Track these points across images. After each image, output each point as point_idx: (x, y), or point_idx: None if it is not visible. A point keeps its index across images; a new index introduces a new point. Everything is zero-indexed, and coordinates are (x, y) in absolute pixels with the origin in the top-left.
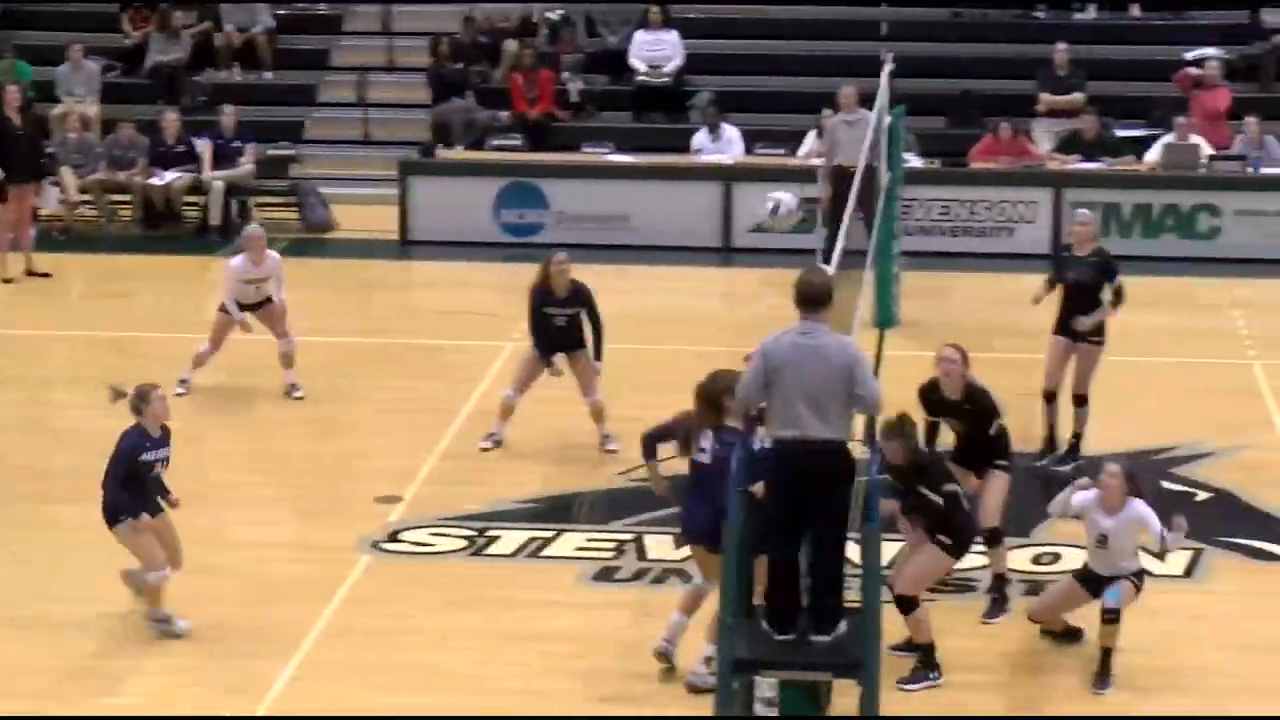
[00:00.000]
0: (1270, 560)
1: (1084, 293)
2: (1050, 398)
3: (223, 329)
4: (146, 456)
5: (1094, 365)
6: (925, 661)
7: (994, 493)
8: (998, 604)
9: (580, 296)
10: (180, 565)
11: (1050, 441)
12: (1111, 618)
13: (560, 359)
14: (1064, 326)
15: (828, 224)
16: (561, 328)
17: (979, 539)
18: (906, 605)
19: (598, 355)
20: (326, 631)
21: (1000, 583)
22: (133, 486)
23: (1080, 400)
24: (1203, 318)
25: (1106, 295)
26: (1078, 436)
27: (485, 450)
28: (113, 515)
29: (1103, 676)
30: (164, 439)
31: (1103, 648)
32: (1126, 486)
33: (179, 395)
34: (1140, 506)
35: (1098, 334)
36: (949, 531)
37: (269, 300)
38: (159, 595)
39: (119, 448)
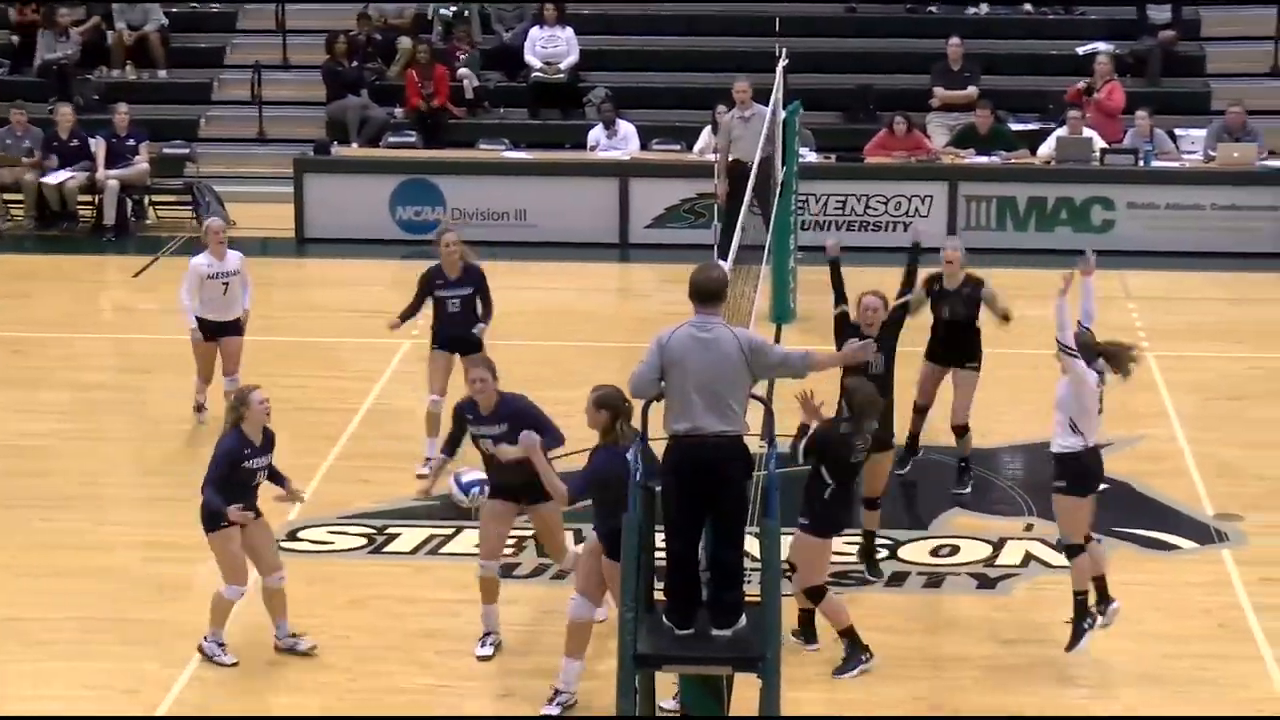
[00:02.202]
0: (1165, 550)
1: (957, 326)
2: (920, 410)
3: (200, 352)
4: (248, 464)
5: (972, 392)
6: (852, 647)
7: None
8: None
9: (473, 277)
10: (278, 569)
11: (913, 443)
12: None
13: (455, 360)
14: (936, 354)
15: (724, 219)
16: (455, 313)
17: None
18: (816, 595)
19: (486, 320)
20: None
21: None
22: (230, 493)
23: (961, 430)
24: (1097, 310)
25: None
26: (965, 460)
27: (423, 476)
28: (210, 519)
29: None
30: (267, 445)
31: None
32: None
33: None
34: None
35: (974, 359)
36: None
37: (236, 329)
38: (226, 614)
39: (216, 451)
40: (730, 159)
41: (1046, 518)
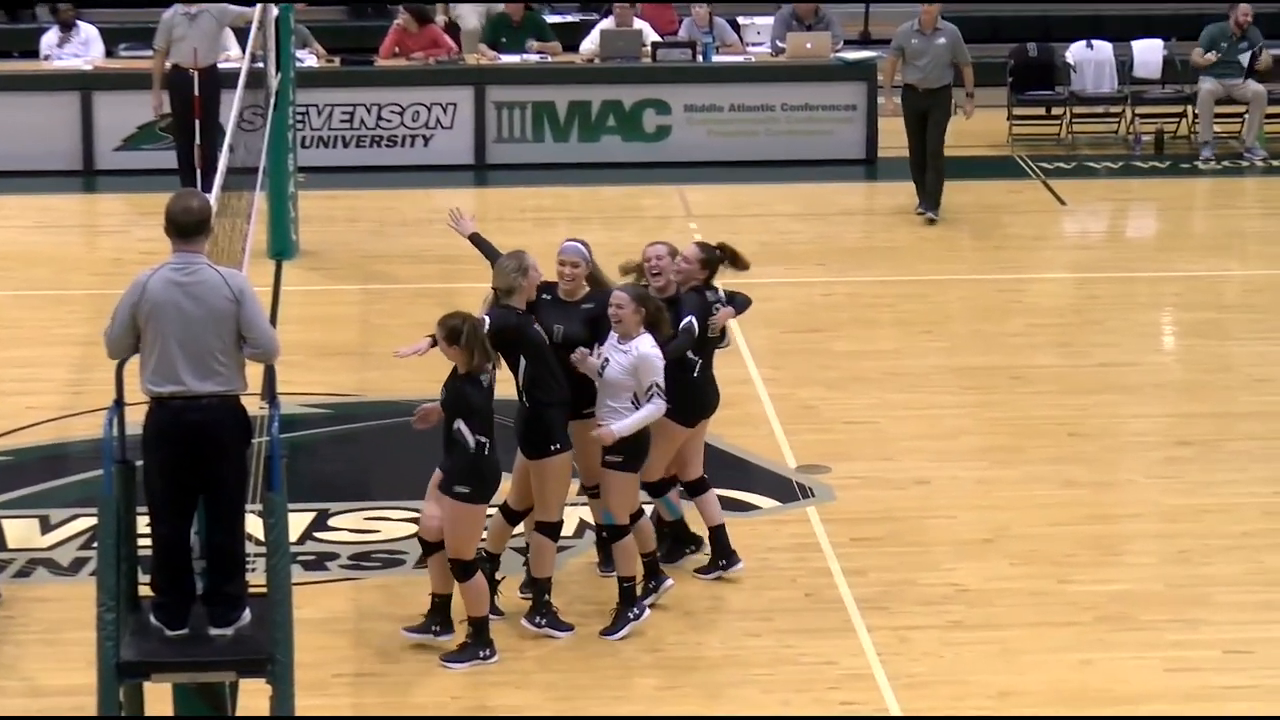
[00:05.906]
0: (743, 511)
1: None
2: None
3: None
4: None
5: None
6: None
7: None
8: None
9: None
10: None
11: None
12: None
13: None
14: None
15: (178, 137)
16: None
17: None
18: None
19: None
20: None
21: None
22: None
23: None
24: (652, 232)
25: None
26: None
27: None
28: None
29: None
30: None
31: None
32: (640, 314)
33: None
34: (647, 344)
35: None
36: None
37: None
38: None
39: None
40: (171, 64)
41: None
